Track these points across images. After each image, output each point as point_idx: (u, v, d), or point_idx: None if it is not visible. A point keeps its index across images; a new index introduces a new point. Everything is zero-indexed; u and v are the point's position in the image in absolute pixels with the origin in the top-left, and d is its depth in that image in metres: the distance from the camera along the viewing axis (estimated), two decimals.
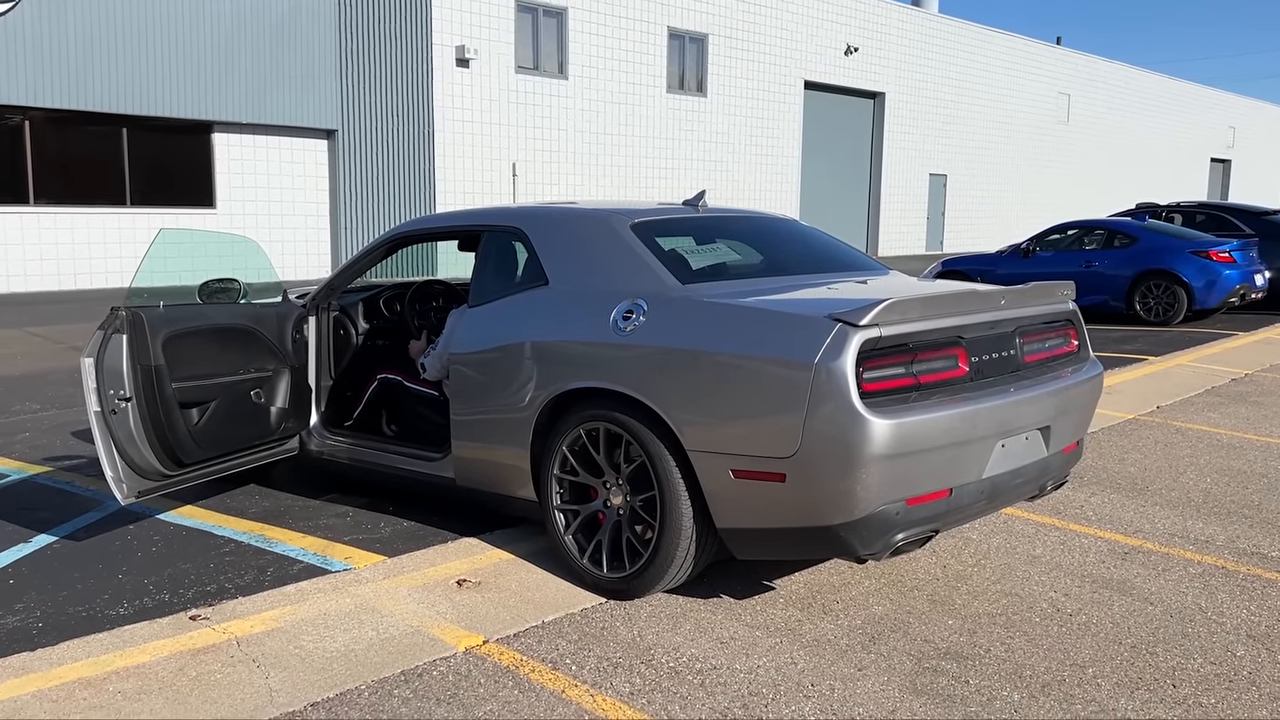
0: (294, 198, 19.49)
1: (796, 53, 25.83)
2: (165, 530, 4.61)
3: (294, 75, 18.79)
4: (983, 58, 31.62)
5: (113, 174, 17.40)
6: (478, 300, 4.35)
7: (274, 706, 3.01)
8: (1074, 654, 3.41)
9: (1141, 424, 7.02)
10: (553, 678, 3.21)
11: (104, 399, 4.05)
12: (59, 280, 16.81)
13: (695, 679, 3.21)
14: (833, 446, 3.20)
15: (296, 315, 4.93)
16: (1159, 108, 40.27)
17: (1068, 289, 4.12)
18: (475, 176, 19.64)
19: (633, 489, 3.75)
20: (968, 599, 3.87)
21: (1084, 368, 4.11)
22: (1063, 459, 4.02)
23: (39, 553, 4.33)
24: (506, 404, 4.08)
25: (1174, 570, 4.21)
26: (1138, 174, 39.32)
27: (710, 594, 3.87)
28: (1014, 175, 33.65)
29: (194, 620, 3.57)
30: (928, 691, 3.14)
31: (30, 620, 3.62)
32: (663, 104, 22.84)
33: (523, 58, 20.15)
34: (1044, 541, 4.54)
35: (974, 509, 3.63)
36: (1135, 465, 5.91)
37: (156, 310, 4.25)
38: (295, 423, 4.88)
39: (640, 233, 4.12)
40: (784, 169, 25.99)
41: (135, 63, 16.99)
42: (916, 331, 3.39)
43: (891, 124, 28.80)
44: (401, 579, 3.96)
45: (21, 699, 3.01)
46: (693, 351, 3.51)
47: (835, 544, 3.38)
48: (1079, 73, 35.84)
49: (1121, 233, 13.36)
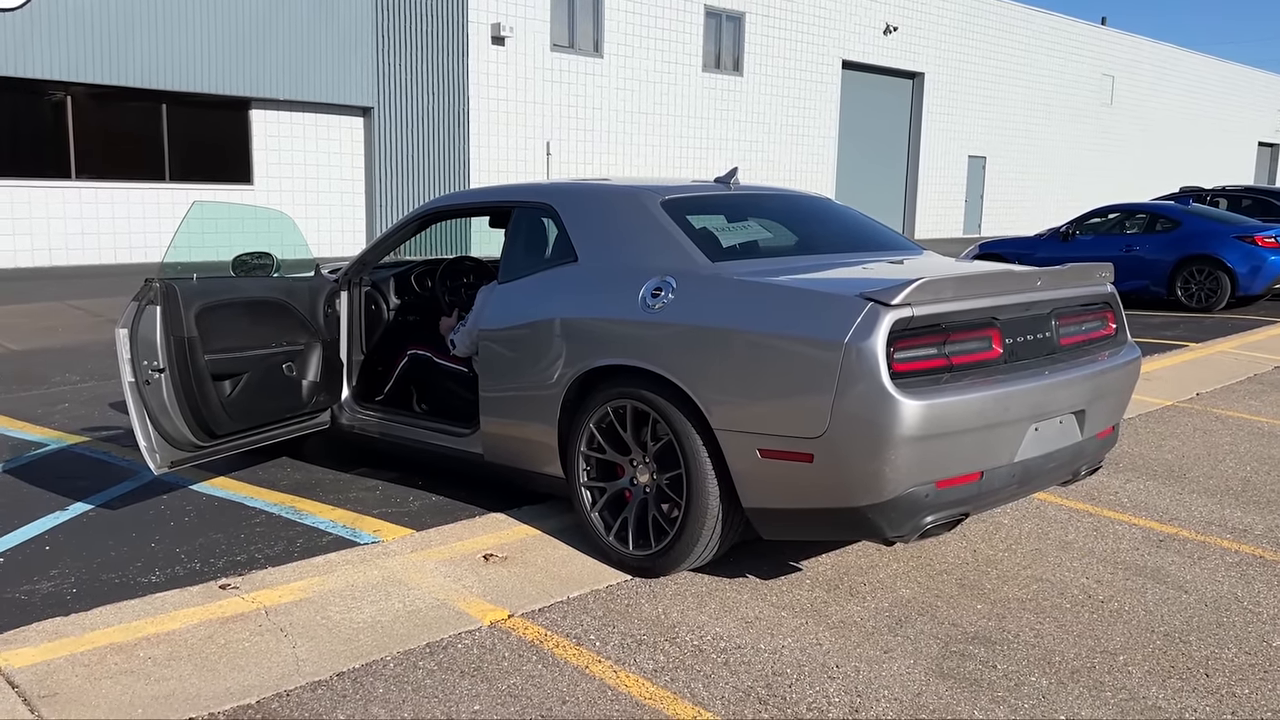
0: (330, 174, 19.60)
1: (835, 32, 25.54)
2: (198, 500, 4.67)
3: (331, 52, 18.86)
4: (1024, 38, 31.09)
5: (152, 149, 17.57)
6: (507, 277, 4.34)
7: (300, 675, 3.04)
8: (1105, 641, 3.37)
9: (1180, 411, 6.91)
10: (576, 653, 3.22)
11: (138, 370, 4.09)
12: (99, 254, 17.04)
13: (719, 658, 3.20)
14: (862, 427, 3.17)
15: (329, 290, 4.96)
16: (1206, 90, 39.45)
17: (1106, 270, 4.05)
18: (509, 154, 19.63)
19: (659, 467, 3.74)
20: (997, 583, 3.83)
21: (1121, 351, 4.04)
22: (1097, 444, 3.96)
23: (75, 520, 4.40)
24: (534, 380, 4.08)
25: (1210, 559, 4.13)
26: (1183, 157, 38.58)
27: (736, 573, 3.85)
28: (1055, 158, 33.13)
29: (224, 589, 3.61)
30: (954, 675, 3.11)
31: (65, 586, 3.68)
32: (698, 83, 22.68)
33: (558, 35, 20.08)
34: (1077, 527, 4.48)
35: (1005, 493, 3.58)
36: (1173, 452, 5.81)
37: (190, 282, 4.29)
38: (327, 396, 4.92)
39: (670, 210, 4.08)
40: (820, 149, 25.75)
41: (175, 39, 17.12)
42: (950, 312, 3.34)
43: (930, 105, 28.43)
44: (429, 552, 3.98)
45: (55, 662, 3.06)
46: (721, 330, 3.48)
47: (863, 526, 3.35)
48: (1124, 54, 35.16)
49: (1164, 216, 13.12)
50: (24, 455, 5.44)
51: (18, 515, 4.45)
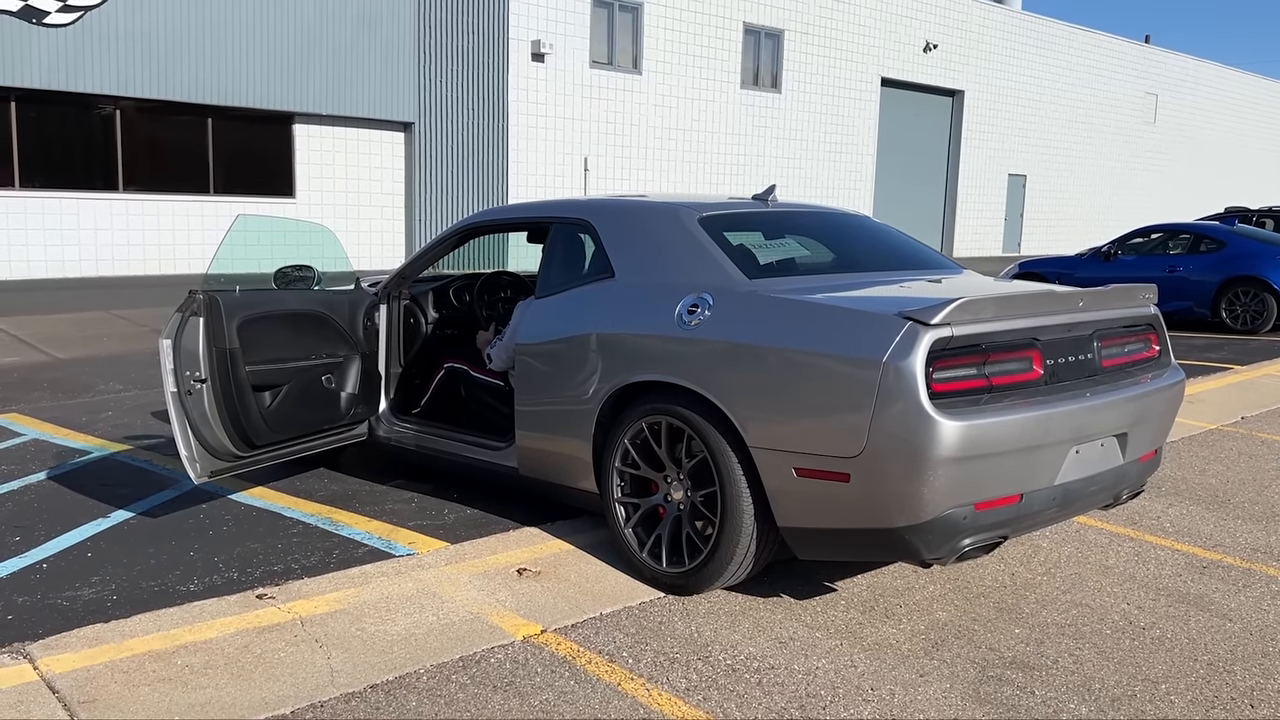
0: (371, 189, 19.83)
1: (874, 49, 25.47)
2: (236, 510, 4.72)
3: (373, 68, 19.11)
4: (1066, 56, 30.82)
5: (197, 163, 17.89)
6: (544, 291, 4.36)
7: (334, 686, 3.05)
8: (1146, 669, 3.30)
9: (1225, 435, 6.78)
10: (609, 670, 3.21)
11: (180, 380, 4.15)
12: (145, 265, 17.34)
13: (752, 677, 3.18)
14: (900, 447, 3.14)
15: (368, 303, 5.00)
16: (1253, 109, 38.85)
17: (1149, 292, 3.99)
18: (548, 170, 19.75)
19: (694, 484, 3.73)
20: (1036, 608, 3.77)
21: (1165, 374, 3.97)
22: (1139, 468, 3.89)
23: (117, 527, 4.46)
24: (570, 395, 4.09)
25: (1255, 586, 4.05)
26: (1228, 177, 37.99)
27: (770, 593, 3.83)
28: (1097, 177, 32.76)
29: (260, 599, 3.64)
30: (991, 700, 3.07)
31: (105, 593, 3.73)
32: (737, 100, 22.71)
33: (597, 53, 20.20)
34: (1118, 552, 4.40)
35: (1045, 516, 3.53)
36: (1217, 477, 5.70)
37: (232, 294, 4.35)
38: (365, 408, 4.96)
39: (708, 226, 4.08)
40: (859, 167, 25.66)
41: (221, 55, 17.43)
42: (990, 332, 3.30)
43: (970, 123, 28.25)
44: (463, 565, 3.99)
45: (94, 669, 3.10)
46: (758, 347, 3.47)
47: (900, 547, 3.31)
48: (1168, 72, 34.74)
49: (1209, 237, 12.92)
50: (68, 463, 5.53)
51: (61, 522, 4.52)
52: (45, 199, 16.26)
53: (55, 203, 16.36)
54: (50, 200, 16.31)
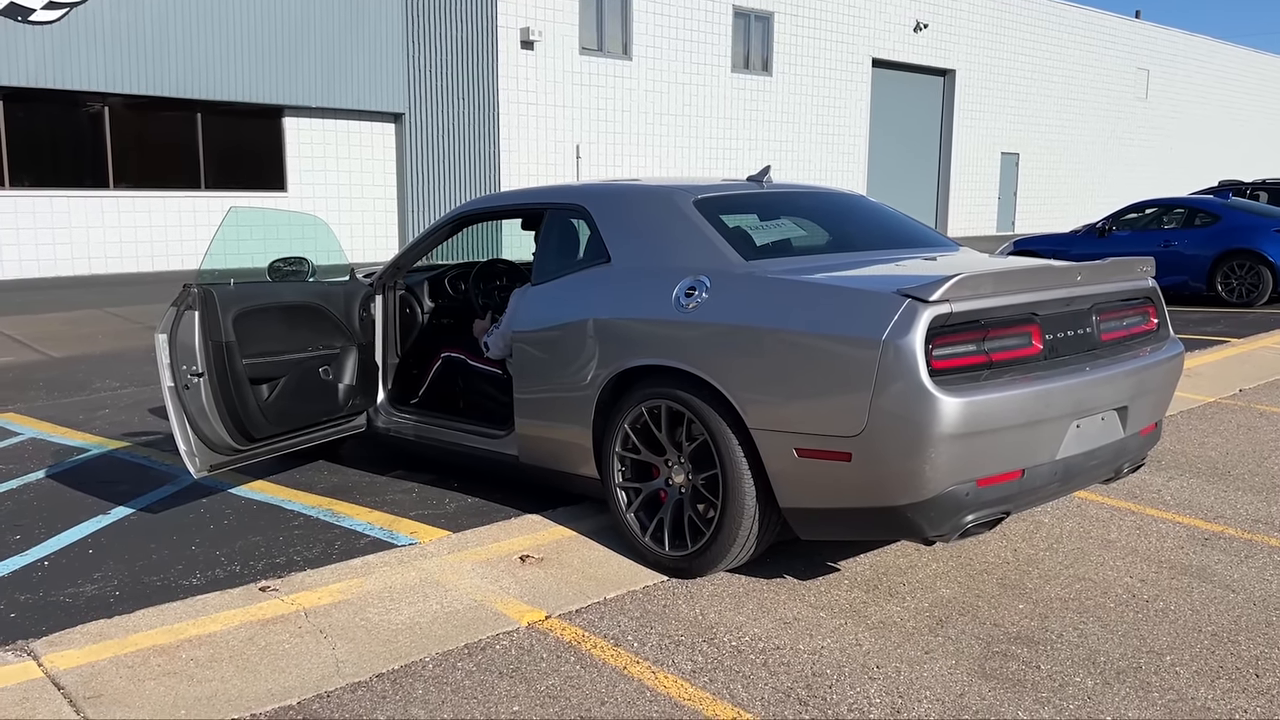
0: (362, 180, 19.76)
1: (864, 30, 25.38)
2: (237, 504, 4.71)
3: (362, 60, 19.01)
4: (1057, 33, 30.74)
5: (188, 158, 17.80)
6: (540, 279, 4.34)
7: (340, 677, 3.05)
8: (1151, 641, 3.31)
9: (1223, 407, 6.79)
10: (614, 654, 3.21)
11: (177, 374, 4.13)
12: (137, 262, 17.27)
13: (758, 658, 3.18)
14: (900, 425, 3.13)
15: (364, 294, 4.98)
16: (1244, 82, 38.80)
17: (1147, 265, 3.98)
18: (539, 158, 19.68)
19: (695, 467, 3.72)
20: (1039, 583, 3.78)
21: (1164, 347, 3.97)
22: (1140, 441, 3.89)
23: (117, 524, 4.45)
24: (569, 382, 4.08)
25: (1257, 557, 4.05)
26: (1221, 151, 37.96)
27: (773, 574, 3.83)
28: (1089, 154, 32.72)
29: (263, 591, 3.64)
30: (997, 676, 3.07)
31: (108, 589, 3.73)
32: (728, 84, 22.63)
33: (587, 39, 20.10)
34: (1119, 526, 4.41)
35: (1046, 491, 3.53)
36: (1216, 449, 5.71)
37: (227, 288, 4.33)
38: (362, 400, 4.94)
39: (703, 209, 4.07)
40: (851, 148, 25.60)
41: (208, 49, 17.33)
42: (989, 308, 3.29)
43: (962, 102, 28.18)
44: (465, 554, 3.99)
45: (99, 664, 3.09)
46: (756, 329, 3.46)
47: (902, 525, 3.31)
48: (1159, 47, 34.66)
49: (1203, 211, 12.91)
50: (66, 461, 5.52)
51: (61, 520, 4.51)
52: (35, 198, 16.18)
53: (45, 201, 16.28)
54: (40, 199, 16.23)
